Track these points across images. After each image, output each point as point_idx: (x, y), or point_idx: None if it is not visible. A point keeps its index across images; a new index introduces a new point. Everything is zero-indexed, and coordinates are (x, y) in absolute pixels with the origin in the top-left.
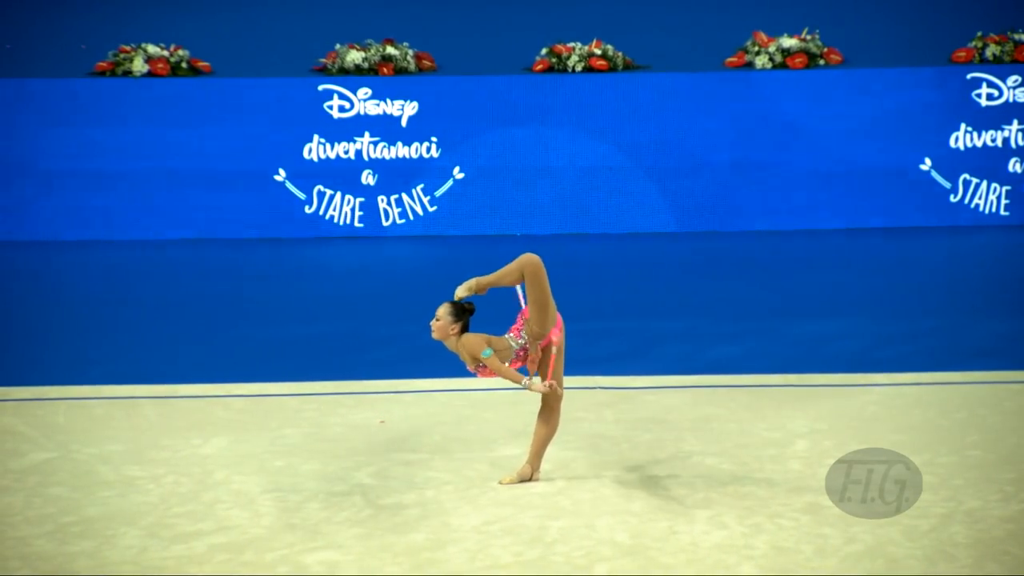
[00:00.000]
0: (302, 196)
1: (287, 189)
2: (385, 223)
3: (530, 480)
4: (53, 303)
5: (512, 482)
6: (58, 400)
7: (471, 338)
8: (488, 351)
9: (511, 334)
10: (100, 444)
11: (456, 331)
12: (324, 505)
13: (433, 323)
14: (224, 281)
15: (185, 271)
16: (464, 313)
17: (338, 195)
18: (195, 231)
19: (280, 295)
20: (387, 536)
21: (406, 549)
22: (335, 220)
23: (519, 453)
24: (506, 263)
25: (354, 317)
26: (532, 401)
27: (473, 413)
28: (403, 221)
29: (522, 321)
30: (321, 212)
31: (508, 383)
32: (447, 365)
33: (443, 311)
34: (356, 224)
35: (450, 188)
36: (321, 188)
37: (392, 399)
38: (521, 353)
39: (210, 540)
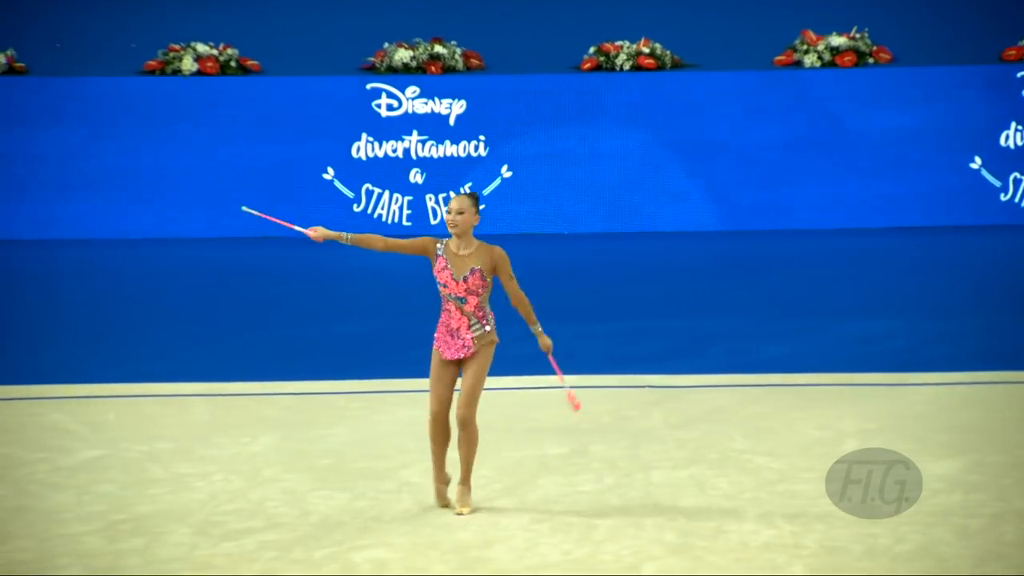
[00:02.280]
0: (350, 194)
1: (336, 187)
2: (433, 221)
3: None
4: (105, 301)
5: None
6: (108, 398)
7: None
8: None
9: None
10: (150, 442)
11: (477, 221)
12: (372, 503)
13: (456, 217)
14: (273, 280)
15: (234, 270)
16: (476, 200)
17: (386, 193)
18: (244, 230)
19: (329, 294)
20: (435, 534)
21: (454, 547)
22: (383, 218)
23: (566, 452)
24: (554, 262)
25: (402, 315)
26: (581, 401)
27: (521, 412)
28: None
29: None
30: (369, 210)
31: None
32: (496, 363)
33: (467, 203)
34: (404, 222)
35: (498, 186)
36: (369, 186)
37: None
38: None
39: (259, 537)
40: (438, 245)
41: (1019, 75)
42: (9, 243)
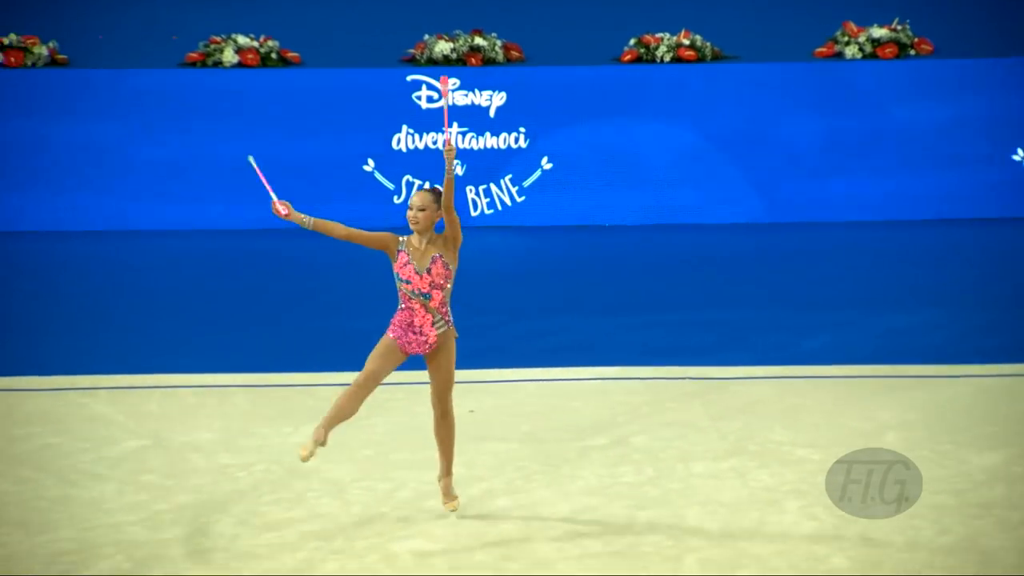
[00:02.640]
0: (391, 186)
1: (376, 179)
2: (473, 213)
3: (323, 444)
4: (146, 291)
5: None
6: (151, 388)
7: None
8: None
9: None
10: (192, 432)
11: (439, 218)
12: (413, 494)
13: (418, 214)
14: (312, 271)
15: (273, 261)
16: (440, 197)
17: (426, 185)
18: (284, 221)
19: (369, 285)
20: (476, 525)
21: (495, 538)
22: None
23: (607, 443)
24: (595, 254)
25: None
26: (619, 391)
27: (561, 403)
28: (491, 211)
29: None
30: None
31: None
32: (536, 355)
33: (428, 199)
34: None
35: (538, 179)
36: (410, 178)
37: (481, 388)
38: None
39: (301, 528)
40: (400, 240)
41: None
42: (50, 234)
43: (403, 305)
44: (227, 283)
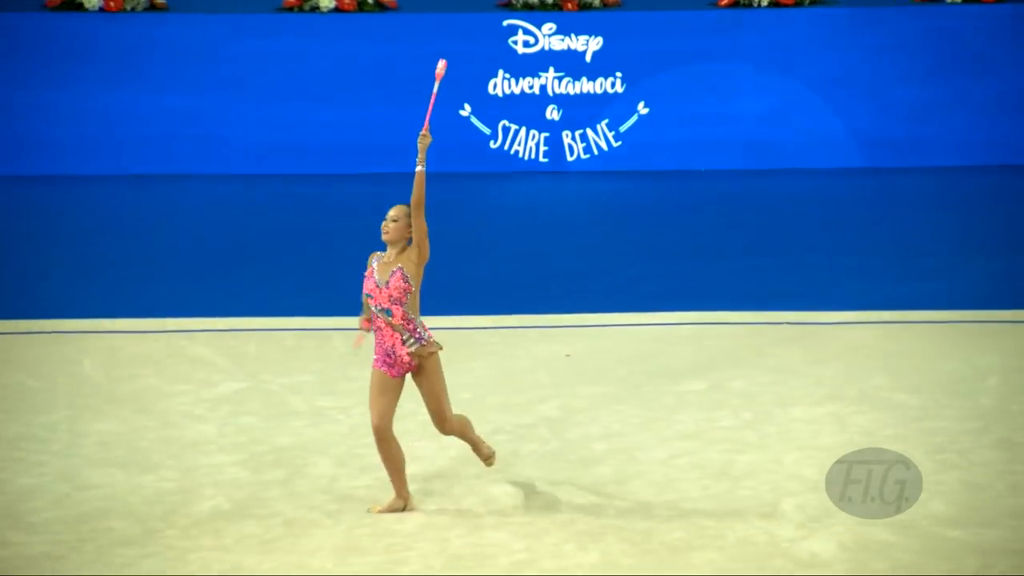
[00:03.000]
0: (487, 131)
1: (472, 124)
2: (570, 158)
3: (403, 510)
4: (245, 235)
5: (383, 511)
6: (250, 331)
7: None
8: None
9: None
10: (291, 375)
11: (410, 235)
12: (510, 437)
13: (389, 224)
14: None
15: (370, 205)
16: None
17: (523, 130)
18: (380, 165)
19: (466, 230)
20: (573, 469)
21: (592, 482)
22: (520, 155)
23: (704, 387)
24: (691, 198)
25: (539, 252)
26: (716, 336)
27: (658, 347)
28: (587, 156)
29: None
30: (506, 147)
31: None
32: (634, 299)
33: (403, 212)
34: (541, 159)
35: (635, 123)
36: (506, 123)
37: (577, 333)
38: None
39: None
40: (373, 257)
41: None
42: (149, 178)
43: (375, 328)
44: (324, 226)
